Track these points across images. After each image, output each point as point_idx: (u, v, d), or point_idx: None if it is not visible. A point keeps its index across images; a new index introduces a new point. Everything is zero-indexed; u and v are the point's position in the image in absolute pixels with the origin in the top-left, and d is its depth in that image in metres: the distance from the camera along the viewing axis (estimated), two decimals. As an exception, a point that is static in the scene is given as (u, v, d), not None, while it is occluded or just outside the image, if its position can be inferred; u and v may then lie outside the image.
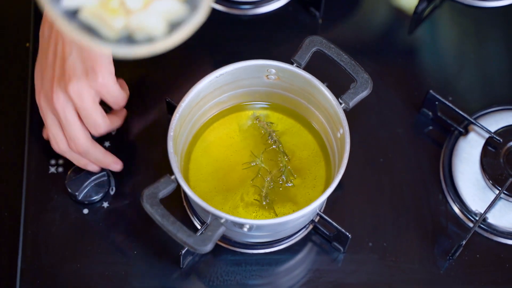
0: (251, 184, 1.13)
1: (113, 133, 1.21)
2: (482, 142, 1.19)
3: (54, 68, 1.06)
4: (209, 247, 0.99)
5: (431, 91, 1.20)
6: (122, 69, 1.25)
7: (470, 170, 1.19)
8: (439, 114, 1.22)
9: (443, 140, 1.22)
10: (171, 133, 1.05)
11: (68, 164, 1.18)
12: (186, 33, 0.84)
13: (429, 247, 1.16)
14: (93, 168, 1.14)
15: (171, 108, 1.14)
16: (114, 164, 1.14)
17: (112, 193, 1.17)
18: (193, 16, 0.84)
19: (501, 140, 1.18)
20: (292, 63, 1.10)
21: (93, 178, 1.15)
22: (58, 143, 1.11)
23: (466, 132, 1.21)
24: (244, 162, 1.14)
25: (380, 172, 1.20)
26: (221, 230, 1.01)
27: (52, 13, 0.77)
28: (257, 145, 1.15)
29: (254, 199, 1.12)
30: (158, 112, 1.21)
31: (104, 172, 1.16)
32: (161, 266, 1.14)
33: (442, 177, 1.20)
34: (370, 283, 1.14)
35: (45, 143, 1.19)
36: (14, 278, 1.12)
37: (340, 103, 1.08)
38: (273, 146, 1.15)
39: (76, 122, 1.08)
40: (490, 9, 1.32)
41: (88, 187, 1.15)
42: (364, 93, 1.09)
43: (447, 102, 1.20)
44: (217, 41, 1.28)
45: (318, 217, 1.15)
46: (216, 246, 1.13)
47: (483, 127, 1.19)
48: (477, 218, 1.16)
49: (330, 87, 1.09)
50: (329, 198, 1.11)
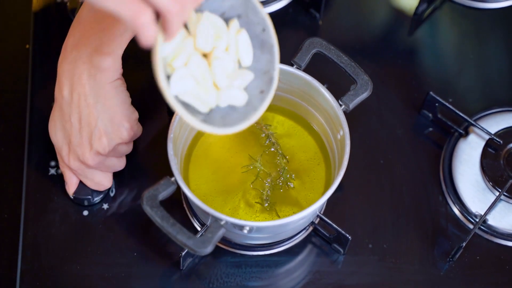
0: (251, 187, 1.13)
1: (113, 135, 1.21)
2: (482, 144, 1.19)
3: (82, 134, 1.08)
4: (209, 249, 0.99)
5: (431, 93, 1.20)
6: (123, 71, 1.25)
7: (470, 172, 1.19)
8: (439, 116, 1.22)
9: (443, 142, 1.22)
10: (171, 135, 1.05)
11: (68, 166, 1.18)
12: (268, 103, 0.98)
13: (429, 249, 1.16)
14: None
15: (171, 110, 1.14)
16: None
17: (112, 195, 1.17)
18: (271, 87, 0.98)
19: (501, 142, 1.18)
20: (292, 65, 1.10)
21: (93, 180, 1.16)
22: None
23: (466, 134, 1.21)
24: (243, 165, 1.13)
25: (380, 174, 1.20)
26: (221, 232, 1.00)
27: (167, 95, 0.92)
28: (257, 147, 1.15)
29: (256, 202, 1.12)
30: (158, 114, 1.21)
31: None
32: (161, 268, 1.14)
33: (442, 179, 1.20)
34: (370, 285, 1.14)
35: (45, 144, 1.19)
36: (14, 279, 1.12)
37: (340, 105, 1.08)
38: (272, 149, 1.15)
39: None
40: (490, 11, 1.32)
41: (88, 189, 1.15)
42: (364, 95, 1.09)
43: (447, 104, 1.20)
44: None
45: (318, 219, 1.15)
46: (216, 248, 1.13)
47: (483, 129, 1.19)
48: (477, 220, 1.16)
49: (330, 89, 1.09)
50: (329, 200, 1.11)
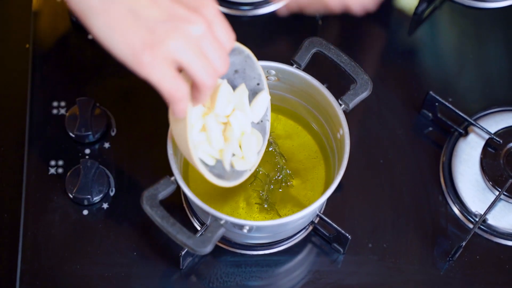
0: (249, 187, 1.13)
1: (113, 134, 1.21)
2: (482, 143, 1.19)
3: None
4: (209, 249, 0.99)
5: (431, 92, 1.20)
6: (123, 70, 1.25)
7: (470, 171, 1.19)
8: (439, 115, 1.22)
9: (443, 141, 1.22)
10: (171, 134, 1.05)
11: (68, 165, 1.18)
12: (262, 152, 1.09)
13: (429, 248, 1.16)
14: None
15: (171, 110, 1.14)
16: None
17: (112, 194, 1.17)
18: (265, 136, 1.09)
19: (501, 141, 1.18)
20: (292, 64, 1.10)
21: (93, 179, 1.15)
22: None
23: (466, 133, 1.21)
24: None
25: (380, 173, 1.20)
26: (221, 232, 1.00)
27: (194, 158, 0.99)
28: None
29: (256, 203, 1.12)
30: (158, 113, 1.21)
31: (104, 173, 1.16)
32: (161, 267, 1.14)
33: (442, 178, 1.20)
34: (370, 284, 1.14)
35: (45, 144, 1.19)
36: (14, 279, 1.12)
37: (340, 104, 1.08)
38: (270, 148, 1.14)
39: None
40: (490, 10, 1.32)
41: (88, 188, 1.15)
42: (364, 94, 1.09)
43: (447, 103, 1.20)
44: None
45: (318, 218, 1.15)
46: (216, 248, 1.13)
47: (483, 128, 1.19)
48: (477, 219, 1.16)
49: (330, 88, 1.09)
50: (329, 199, 1.11)
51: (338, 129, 1.08)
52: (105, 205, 1.17)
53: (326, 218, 1.12)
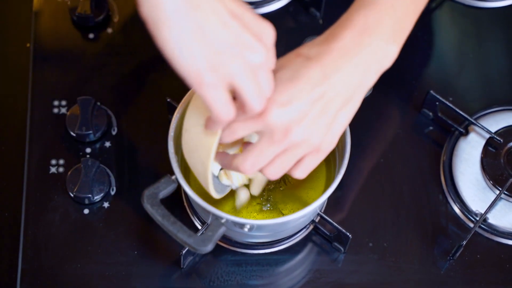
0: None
1: (114, 133, 1.21)
2: (483, 143, 1.19)
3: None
4: (210, 247, 0.99)
5: (432, 92, 1.20)
6: (123, 70, 1.25)
7: (471, 171, 1.19)
8: (440, 115, 1.22)
9: (444, 141, 1.22)
10: (172, 133, 1.05)
11: (69, 164, 1.18)
12: None
13: (430, 248, 1.16)
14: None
15: (172, 109, 1.14)
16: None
17: (113, 193, 1.17)
18: None
19: (502, 141, 1.18)
20: (293, 64, 1.10)
21: (94, 178, 1.15)
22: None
23: (467, 133, 1.21)
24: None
25: (381, 173, 1.20)
26: (222, 230, 1.00)
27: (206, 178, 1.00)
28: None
29: (257, 203, 1.12)
30: (159, 113, 1.21)
31: (104, 172, 1.16)
32: (162, 266, 1.14)
33: (443, 178, 1.20)
34: (371, 284, 1.14)
35: (45, 143, 1.19)
36: (15, 278, 1.12)
37: (341, 104, 1.08)
38: None
39: None
40: (490, 10, 1.32)
41: (89, 187, 1.15)
42: (365, 94, 1.09)
43: (448, 103, 1.20)
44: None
45: (319, 217, 1.15)
46: (217, 246, 1.13)
47: (484, 128, 1.19)
48: (478, 219, 1.16)
49: (331, 88, 1.09)
50: (330, 198, 1.11)
51: (339, 128, 1.08)
52: (106, 204, 1.17)
53: (327, 217, 1.12)
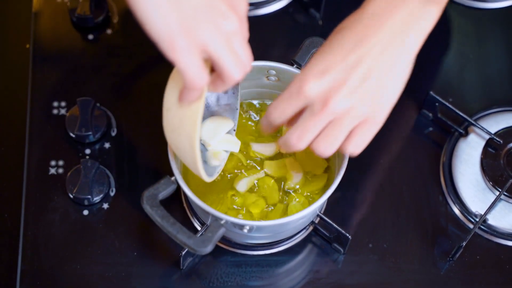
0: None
1: (113, 134, 1.21)
2: (482, 144, 1.19)
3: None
4: (209, 248, 0.99)
5: (431, 92, 1.20)
6: (122, 71, 1.25)
7: (470, 171, 1.19)
8: (439, 116, 1.22)
9: (443, 142, 1.22)
10: (171, 134, 1.05)
11: (68, 165, 1.18)
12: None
13: (429, 248, 1.16)
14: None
15: (171, 109, 1.14)
16: None
17: (112, 194, 1.17)
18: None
19: (501, 142, 1.18)
20: (292, 64, 1.10)
21: (94, 179, 1.15)
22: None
23: (466, 134, 1.21)
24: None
25: (380, 174, 1.20)
26: (221, 231, 1.00)
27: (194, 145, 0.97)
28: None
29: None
30: (159, 113, 1.21)
31: (104, 173, 1.16)
32: (161, 267, 1.13)
33: (442, 179, 1.20)
34: (370, 284, 1.14)
35: (45, 144, 1.19)
36: (14, 279, 1.12)
37: (340, 104, 1.08)
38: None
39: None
40: (490, 11, 1.32)
41: (88, 188, 1.15)
42: (364, 94, 1.09)
43: (447, 104, 1.20)
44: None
45: (318, 218, 1.15)
46: (216, 248, 1.13)
47: (483, 129, 1.19)
48: (477, 220, 1.16)
49: (330, 88, 1.09)
50: (329, 199, 1.11)
51: (339, 129, 1.08)
52: (106, 205, 1.17)
53: (327, 218, 1.12)
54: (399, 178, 1.20)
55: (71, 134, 1.19)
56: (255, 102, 1.17)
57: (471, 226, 1.17)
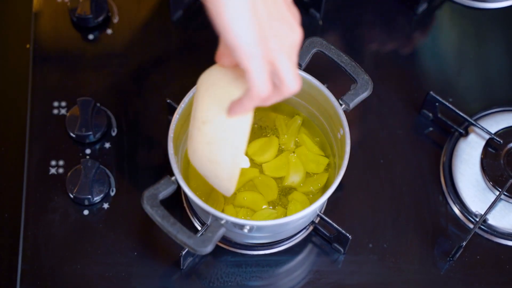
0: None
1: (114, 134, 1.21)
2: (483, 144, 1.19)
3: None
4: (209, 248, 0.99)
5: (431, 93, 1.20)
6: (123, 71, 1.25)
7: (471, 171, 1.19)
8: (439, 116, 1.22)
9: (443, 142, 1.22)
10: (171, 134, 1.05)
11: (69, 165, 1.18)
12: None
13: (429, 248, 1.16)
14: None
15: (172, 109, 1.14)
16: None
17: (113, 194, 1.17)
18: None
19: (501, 142, 1.18)
20: (293, 64, 1.10)
21: (94, 179, 1.15)
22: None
23: (466, 134, 1.21)
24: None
25: (380, 174, 1.20)
26: (222, 231, 1.00)
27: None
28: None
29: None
30: (159, 113, 1.22)
31: (104, 173, 1.17)
32: (162, 267, 1.14)
33: (442, 178, 1.20)
34: (370, 284, 1.14)
35: (45, 144, 1.19)
36: (15, 279, 1.12)
37: (341, 104, 1.08)
38: None
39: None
40: (490, 11, 1.32)
41: (89, 188, 1.15)
42: (365, 94, 1.09)
43: (447, 104, 1.20)
44: (218, 42, 1.28)
45: (319, 218, 1.15)
46: (216, 247, 1.13)
47: (483, 129, 1.19)
48: (478, 219, 1.16)
49: (330, 88, 1.09)
50: (330, 199, 1.11)
51: (339, 129, 1.09)
52: (106, 205, 1.17)
53: (327, 218, 1.12)
54: (399, 178, 1.20)
55: (72, 134, 1.19)
56: None
57: (471, 226, 1.17)
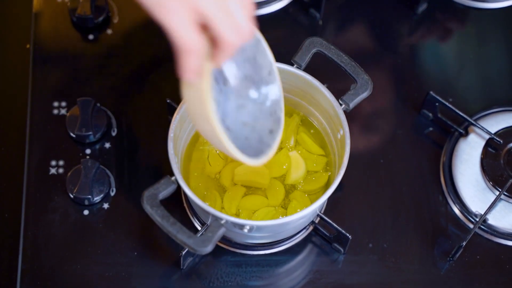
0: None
1: (114, 134, 1.21)
2: (482, 143, 1.19)
3: None
4: (209, 248, 0.99)
5: (431, 92, 1.20)
6: (123, 71, 1.25)
7: (470, 171, 1.19)
8: (439, 115, 1.22)
9: (443, 141, 1.22)
10: (171, 134, 1.05)
11: (69, 165, 1.18)
12: (278, 140, 1.04)
13: (429, 248, 1.16)
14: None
15: (172, 109, 1.14)
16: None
17: (113, 194, 1.17)
18: (279, 127, 1.04)
19: (501, 141, 1.18)
20: (292, 64, 1.10)
21: (94, 179, 1.15)
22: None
23: (466, 133, 1.21)
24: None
25: (380, 173, 1.20)
26: (221, 231, 1.00)
27: (214, 126, 0.92)
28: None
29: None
30: (159, 113, 1.22)
31: (104, 172, 1.17)
32: (162, 267, 1.14)
33: (442, 178, 1.20)
34: (370, 284, 1.14)
35: (45, 144, 1.19)
36: (15, 279, 1.13)
37: (341, 104, 1.08)
38: None
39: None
40: (490, 11, 1.32)
41: (89, 188, 1.15)
42: (364, 94, 1.09)
43: (447, 103, 1.20)
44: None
45: (319, 218, 1.15)
46: (216, 247, 1.13)
47: (483, 128, 1.19)
48: (477, 219, 1.16)
49: (330, 88, 1.10)
50: (330, 199, 1.11)
51: (339, 129, 1.09)
52: (106, 205, 1.17)
53: (327, 218, 1.12)
54: (399, 178, 1.20)
55: (72, 134, 1.19)
56: None
57: (471, 226, 1.17)
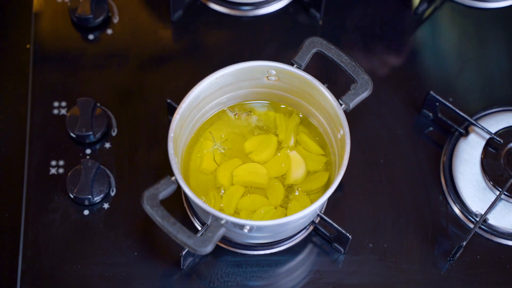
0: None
1: (114, 134, 1.21)
2: (483, 143, 1.19)
3: None
4: (210, 248, 0.99)
5: (432, 92, 1.20)
6: (123, 71, 1.25)
7: (471, 171, 1.19)
8: (440, 115, 1.22)
9: (444, 141, 1.22)
10: (171, 134, 1.05)
11: (69, 165, 1.18)
12: None
13: (430, 248, 1.16)
14: None
15: (172, 109, 1.14)
16: None
17: (113, 194, 1.17)
18: None
19: (502, 141, 1.18)
20: (292, 64, 1.10)
21: (94, 179, 1.15)
22: None
23: (467, 133, 1.21)
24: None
25: (381, 173, 1.20)
26: (222, 231, 1.01)
27: None
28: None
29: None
30: (159, 113, 1.22)
31: (104, 173, 1.17)
32: (162, 267, 1.14)
33: (443, 178, 1.20)
34: (371, 284, 1.14)
35: (46, 144, 1.19)
36: (15, 279, 1.13)
37: (341, 104, 1.08)
38: None
39: None
40: (491, 10, 1.32)
41: (89, 188, 1.15)
42: (365, 94, 1.09)
43: (448, 103, 1.20)
44: (218, 42, 1.28)
45: (319, 218, 1.15)
46: (217, 247, 1.13)
47: (484, 128, 1.19)
48: (478, 219, 1.16)
49: (330, 88, 1.09)
50: (330, 199, 1.11)
51: (339, 129, 1.09)
52: (106, 205, 1.17)
53: (327, 218, 1.12)
54: (400, 178, 1.20)
55: (72, 134, 1.19)
56: (255, 103, 1.17)
57: (471, 226, 1.17)
